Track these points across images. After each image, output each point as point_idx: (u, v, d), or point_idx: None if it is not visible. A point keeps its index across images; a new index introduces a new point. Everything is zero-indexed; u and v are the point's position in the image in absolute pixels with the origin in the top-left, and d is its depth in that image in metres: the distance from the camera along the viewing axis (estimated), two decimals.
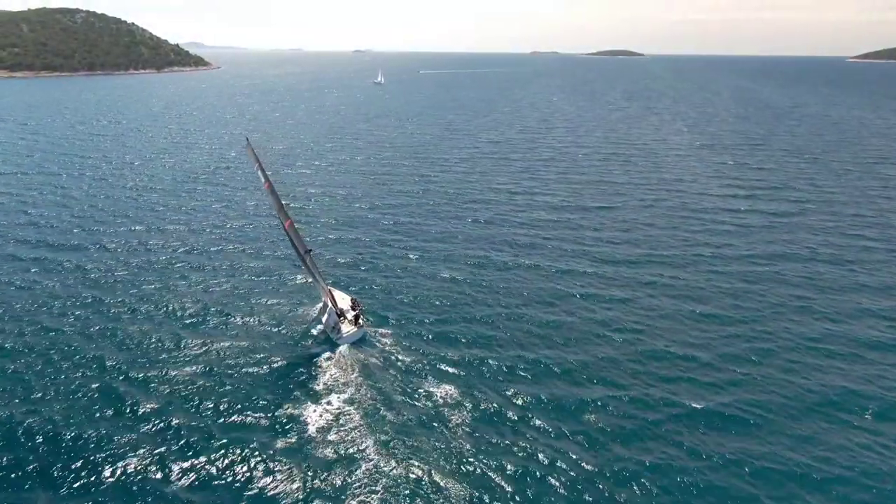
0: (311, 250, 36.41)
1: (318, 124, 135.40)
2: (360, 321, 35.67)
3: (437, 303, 41.17)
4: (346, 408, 29.14)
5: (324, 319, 37.10)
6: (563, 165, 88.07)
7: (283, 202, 37.49)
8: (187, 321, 38.42)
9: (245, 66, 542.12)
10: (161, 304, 40.71)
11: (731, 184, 76.04)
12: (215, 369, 32.66)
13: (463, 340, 36.08)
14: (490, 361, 33.64)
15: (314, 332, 37.18)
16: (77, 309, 39.62)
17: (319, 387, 31.14)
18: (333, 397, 30.07)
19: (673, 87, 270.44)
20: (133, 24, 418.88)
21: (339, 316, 35.47)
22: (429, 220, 60.00)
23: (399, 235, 55.48)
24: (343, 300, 37.43)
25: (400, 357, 33.99)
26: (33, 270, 46.38)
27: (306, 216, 62.04)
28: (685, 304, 40.74)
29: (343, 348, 34.42)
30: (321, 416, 28.65)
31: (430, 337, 36.45)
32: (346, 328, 34.87)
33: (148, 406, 29.21)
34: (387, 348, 35.03)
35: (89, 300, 41.03)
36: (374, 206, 65.66)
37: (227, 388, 30.92)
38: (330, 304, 36.59)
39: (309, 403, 29.62)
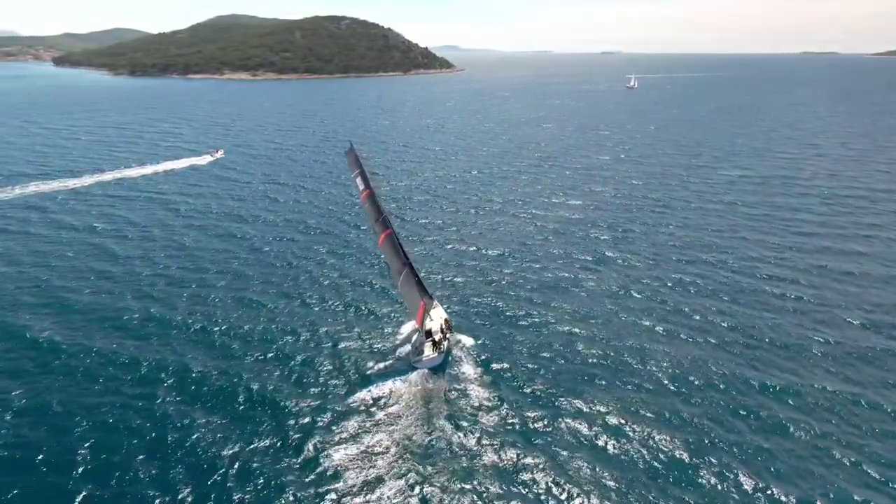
0: (408, 262, 36.06)
1: (527, 139, 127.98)
2: (442, 346, 34.02)
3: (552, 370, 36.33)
4: (380, 452, 27.39)
5: (413, 338, 36.24)
6: (838, 223, 61.32)
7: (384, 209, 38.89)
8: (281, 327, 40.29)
9: (488, 69, 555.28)
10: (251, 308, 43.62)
11: None
12: (287, 370, 33.72)
13: (556, 406, 31.65)
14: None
15: (397, 352, 35.59)
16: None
17: (375, 415, 29.81)
18: (379, 432, 28.62)
19: None
20: (389, 29, 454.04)
21: (425, 336, 34.31)
22: (606, 312, 42.22)
23: (552, 298, 43.79)
24: (437, 318, 36.12)
25: (471, 400, 31.07)
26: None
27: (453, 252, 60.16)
28: None
29: (416, 374, 32.84)
30: (353, 453, 27.29)
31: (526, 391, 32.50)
32: (427, 352, 33.67)
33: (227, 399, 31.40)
34: (462, 386, 32.25)
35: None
36: (561, 263, 51.27)
37: (291, 391, 31.50)
38: (418, 324, 35.31)
39: (354, 437, 28.41)
